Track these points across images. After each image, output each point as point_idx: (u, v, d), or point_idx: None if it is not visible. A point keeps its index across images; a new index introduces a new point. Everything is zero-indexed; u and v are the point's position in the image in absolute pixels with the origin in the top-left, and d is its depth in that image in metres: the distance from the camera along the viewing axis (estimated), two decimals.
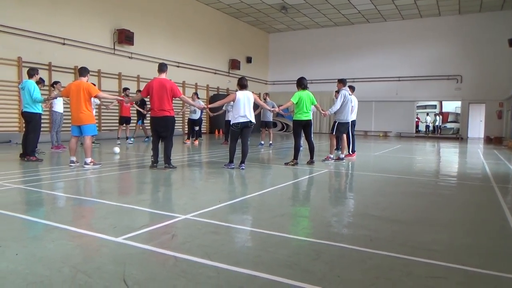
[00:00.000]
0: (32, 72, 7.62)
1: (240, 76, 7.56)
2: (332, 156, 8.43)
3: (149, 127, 7.98)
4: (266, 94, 13.50)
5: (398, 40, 21.74)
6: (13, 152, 8.77)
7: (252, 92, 7.12)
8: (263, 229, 3.26)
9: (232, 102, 7.10)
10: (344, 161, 8.45)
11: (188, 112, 13.56)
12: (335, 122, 8.55)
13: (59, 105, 9.73)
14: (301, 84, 7.70)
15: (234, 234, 3.23)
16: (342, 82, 8.53)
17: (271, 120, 12.58)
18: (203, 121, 14.93)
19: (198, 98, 12.96)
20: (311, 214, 4.03)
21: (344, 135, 8.73)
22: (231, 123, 7.04)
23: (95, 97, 6.96)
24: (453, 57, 20.50)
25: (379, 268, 2.47)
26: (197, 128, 13.06)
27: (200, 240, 2.96)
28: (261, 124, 12.59)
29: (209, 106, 8.31)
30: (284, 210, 4.09)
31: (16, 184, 5.20)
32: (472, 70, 20.13)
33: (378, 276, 2.34)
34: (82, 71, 6.88)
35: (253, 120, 6.93)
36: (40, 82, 7.96)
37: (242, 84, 6.99)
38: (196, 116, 12.80)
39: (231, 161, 6.95)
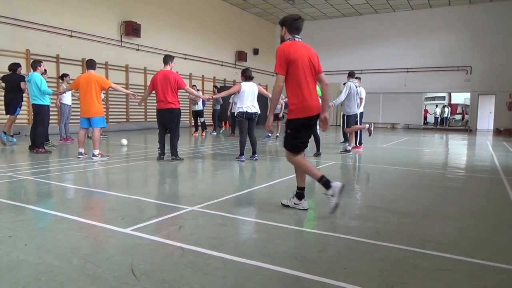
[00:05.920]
0: (35, 65, 7.63)
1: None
2: (349, 148, 8.44)
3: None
4: None
5: (407, 30, 21.42)
6: (22, 144, 8.86)
7: (259, 84, 7.12)
8: (270, 221, 3.27)
9: (237, 94, 7.11)
10: (351, 153, 8.43)
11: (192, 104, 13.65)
12: (343, 115, 8.53)
13: (67, 98, 9.82)
14: None
15: (240, 225, 3.24)
16: (350, 74, 8.54)
17: (279, 112, 12.56)
18: (204, 113, 14.92)
19: (198, 90, 13.06)
20: (317, 206, 4.02)
21: None
22: (235, 113, 7.07)
23: (109, 88, 6.98)
24: (463, 48, 20.17)
25: (386, 260, 2.47)
26: (202, 119, 13.12)
27: (207, 231, 2.97)
28: None
29: (214, 96, 8.35)
30: None
31: (26, 175, 5.26)
32: (482, 61, 19.80)
33: (385, 268, 2.34)
34: (91, 64, 6.88)
35: (258, 111, 6.95)
36: (43, 73, 7.98)
37: (246, 76, 6.96)
38: (199, 107, 12.90)
39: (241, 153, 6.97)
